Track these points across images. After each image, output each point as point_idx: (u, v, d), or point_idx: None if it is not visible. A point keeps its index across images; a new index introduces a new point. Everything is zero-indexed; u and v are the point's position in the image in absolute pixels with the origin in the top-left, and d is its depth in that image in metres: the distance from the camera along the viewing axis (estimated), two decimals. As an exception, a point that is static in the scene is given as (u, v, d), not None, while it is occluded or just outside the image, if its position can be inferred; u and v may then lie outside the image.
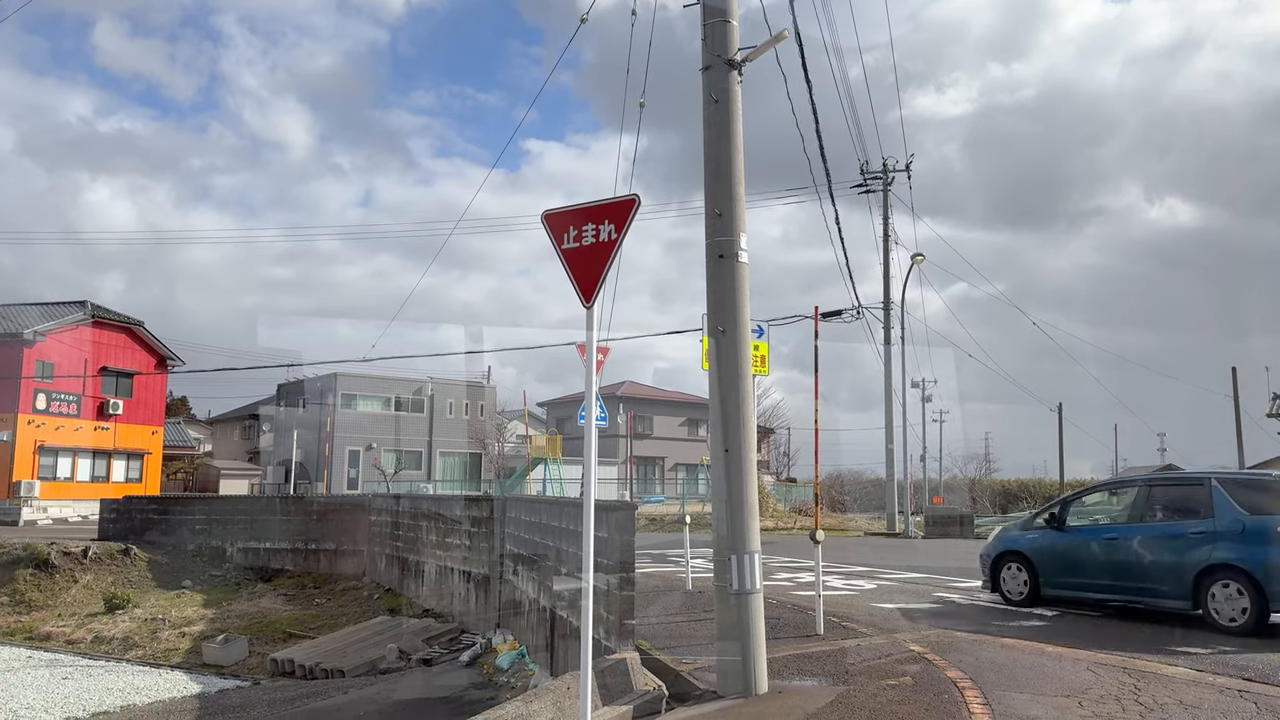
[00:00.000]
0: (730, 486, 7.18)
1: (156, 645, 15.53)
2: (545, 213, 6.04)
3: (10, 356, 35.93)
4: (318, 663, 13.37)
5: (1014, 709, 6.26)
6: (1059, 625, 9.87)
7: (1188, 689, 6.82)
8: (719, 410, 7.34)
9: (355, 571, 20.99)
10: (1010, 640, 8.84)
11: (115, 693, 12.29)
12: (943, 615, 10.68)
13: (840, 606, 11.29)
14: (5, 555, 19.49)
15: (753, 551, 7.05)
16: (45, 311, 39.27)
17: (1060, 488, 57.64)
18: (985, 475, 78.20)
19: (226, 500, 26.76)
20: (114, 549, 20.91)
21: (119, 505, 26.02)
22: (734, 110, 7.59)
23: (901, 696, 6.62)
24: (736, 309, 7.38)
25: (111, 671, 13.75)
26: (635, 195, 5.72)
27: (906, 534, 31.98)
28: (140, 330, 42.10)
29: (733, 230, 7.42)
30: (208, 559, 22.75)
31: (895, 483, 34.41)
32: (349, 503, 24.05)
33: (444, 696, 10.17)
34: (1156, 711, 6.19)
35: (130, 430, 41.11)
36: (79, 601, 18.29)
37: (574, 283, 5.82)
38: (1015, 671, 7.43)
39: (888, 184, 36.63)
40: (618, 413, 57.39)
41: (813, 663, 7.88)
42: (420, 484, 48.26)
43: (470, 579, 14.60)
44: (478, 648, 12.43)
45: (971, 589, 13.31)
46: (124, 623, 16.63)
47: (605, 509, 8.06)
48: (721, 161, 7.54)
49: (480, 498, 16.32)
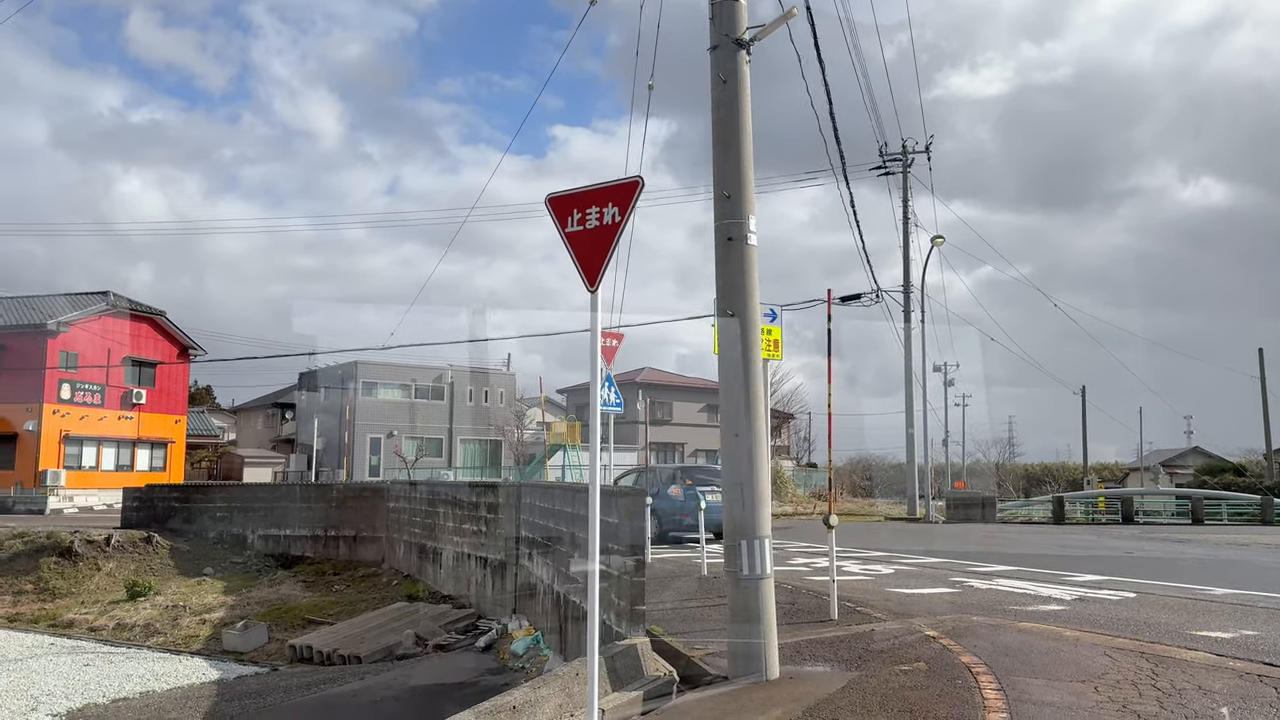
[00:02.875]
0: (740, 471, 7.11)
1: (177, 632, 15.68)
2: (549, 196, 5.98)
3: (35, 347, 36.30)
4: (335, 649, 13.43)
5: (1029, 694, 6.17)
6: (1079, 610, 9.75)
7: (1207, 673, 6.71)
8: (728, 395, 7.27)
9: (375, 558, 21.10)
10: (1027, 625, 8.74)
11: (135, 679, 12.40)
12: (960, 600, 10.58)
13: (856, 592, 11.22)
14: (30, 544, 19.71)
15: (763, 537, 6.99)
16: (68, 302, 39.64)
17: (1084, 471, 57.20)
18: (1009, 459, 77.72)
19: (247, 488, 26.97)
20: (136, 537, 21.11)
21: (141, 494, 26.28)
22: (742, 91, 7.48)
23: (914, 682, 6.55)
24: (746, 292, 7.30)
25: (132, 658, 13.88)
26: (639, 177, 5.65)
27: (928, 519, 31.83)
28: (162, 320, 42.43)
29: (741, 212, 7.33)
30: (229, 546, 22.94)
31: (916, 467, 34.24)
32: (368, 489, 24.16)
33: (459, 682, 10.19)
34: (1174, 696, 6.09)
35: (153, 419, 41.50)
36: (102, 589, 18.49)
37: (578, 266, 5.76)
38: (1031, 656, 7.34)
39: (907, 166, 36.32)
40: (636, 399, 57.34)
41: (826, 648, 7.81)
42: (441, 471, 48.46)
43: (486, 564, 14.62)
44: (494, 633, 12.45)
45: (990, 573, 13.21)
46: (145, 610, 16.79)
47: (615, 495, 8.02)
48: (729, 143, 7.44)
49: (495, 484, 16.34)
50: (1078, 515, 34.35)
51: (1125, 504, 32.00)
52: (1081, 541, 20.69)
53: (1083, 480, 51.38)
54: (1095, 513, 34.15)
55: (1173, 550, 18.20)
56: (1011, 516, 34.56)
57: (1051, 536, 22.64)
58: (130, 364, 40.45)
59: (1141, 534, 24.09)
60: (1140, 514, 33.40)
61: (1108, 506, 33.62)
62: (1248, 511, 31.17)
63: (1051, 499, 34.29)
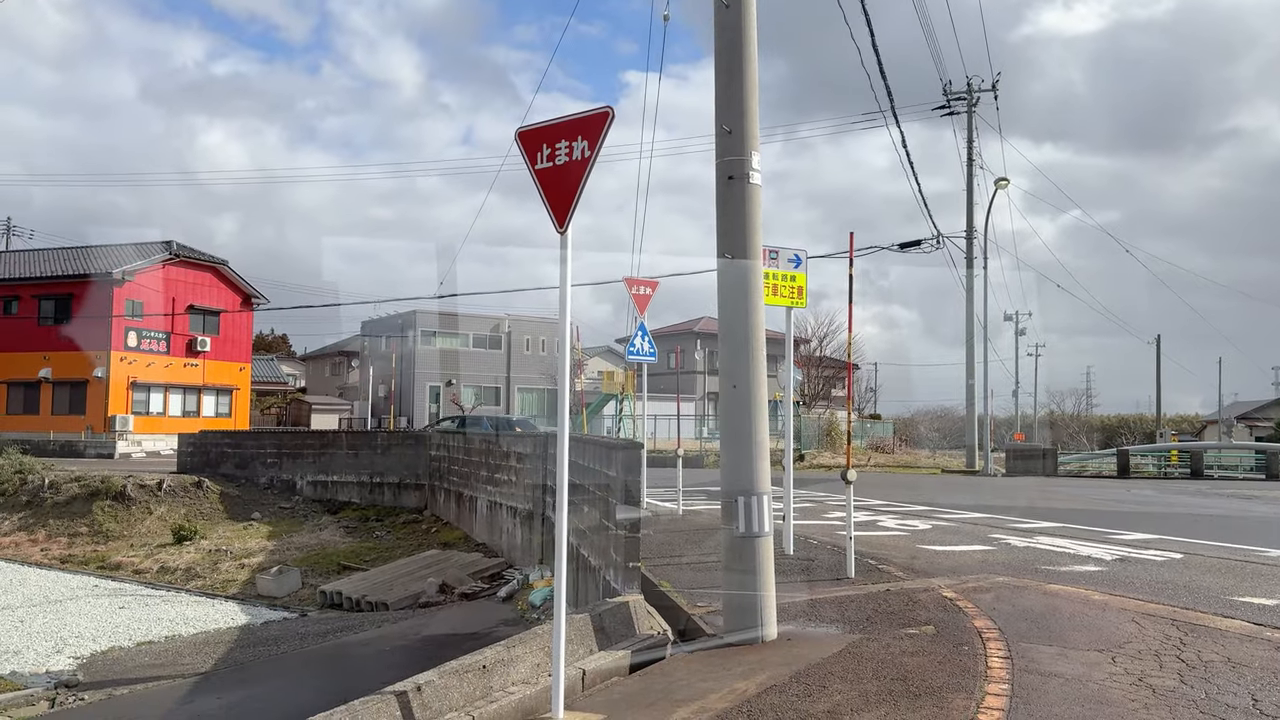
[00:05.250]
0: (738, 424, 6.75)
1: (216, 576, 15.95)
2: (519, 130, 5.60)
3: (101, 296, 37.20)
4: (364, 595, 13.50)
5: (1037, 664, 5.75)
6: (1117, 571, 9.22)
7: (1240, 644, 6.20)
8: (727, 343, 6.89)
9: (417, 504, 21.26)
10: (1055, 587, 8.26)
11: (164, 623, 12.61)
12: (991, 559, 10.10)
13: (885, 549, 10.82)
14: (85, 488, 20.24)
15: (762, 494, 6.63)
16: (134, 251, 40.47)
17: (1157, 422, 55.37)
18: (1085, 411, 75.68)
19: (297, 435, 27.40)
20: (187, 482, 21.55)
21: (196, 439, 26.84)
22: (747, 15, 6.97)
23: (916, 647, 6.17)
24: (747, 234, 6.86)
25: (168, 601, 14.15)
26: (609, 107, 5.23)
27: (986, 471, 31.06)
28: (225, 269, 43.12)
29: (744, 149, 6.86)
30: (278, 492, 23.33)
31: (975, 418, 33.38)
32: (410, 437, 24.32)
33: (472, 633, 10.08)
34: (1197, 669, 5.62)
35: (218, 366, 42.38)
36: (152, 532, 18.91)
37: (547, 206, 5.38)
38: (1051, 622, 6.89)
39: (972, 105, 34.97)
40: (695, 349, 56.92)
41: (833, 608, 7.46)
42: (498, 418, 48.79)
43: (516, 515, 14.52)
44: (515, 584, 12.35)
45: (1032, 530, 12.67)
46: (189, 554, 17.13)
47: (613, 448, 7.72)
48: (733, 73, 6.95)
49: (527, 435, 16.18)
50: (1148, 469, 33.22)
51: (1195, 458, 30.78)
52: (1140, 497, 19.89)
53: (1155, 433, 49.74)
54: (1167, 467, 32.96)
55: (1236, 507, 17.35)
56: (1078, 469, 33.55)
57: (1110, 491, 21.82)
58: (194, 312, 41.27)
59: (1209, 489, 23.11)
60: (1215, 469, 32.14)
61: (1180, 460, 32.43)
62: (1330, 467, 29.75)
63: (1115, 452, 33.16)
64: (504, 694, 5.29)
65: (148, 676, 10.04)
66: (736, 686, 5.43)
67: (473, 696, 5.18)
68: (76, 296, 37.62)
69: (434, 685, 5.04)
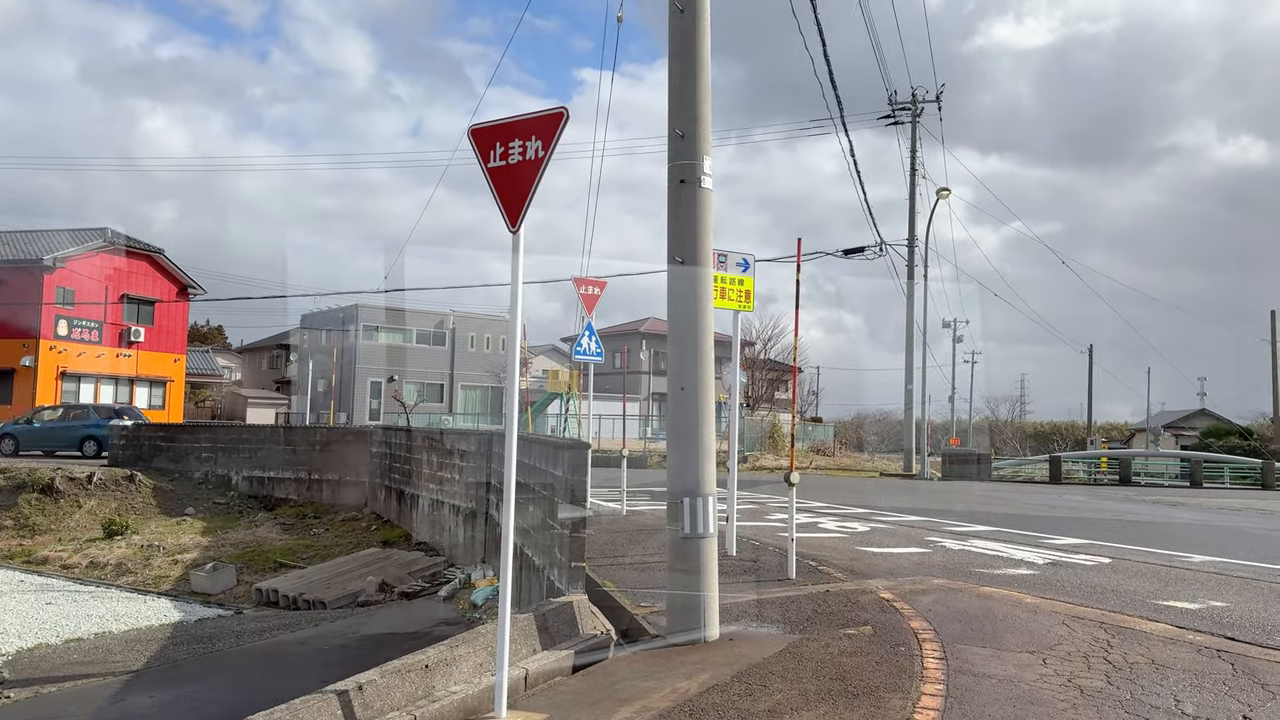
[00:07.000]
0: (685, 426, 6.80)
1: (148, 572, 15.58)
2: (472, 127, 5.59)
3: (32, 282, 36.11)
4: (301, 593, 13.30)
5: (971, 665, 5.89)
6: (1048, 575, 9.47)
7: (1164, 647, 6.42)
8: (675, 346, 6.93)
9: (357, 502, 20.98)
10: (989, 590, 8.45)
11: (94, 619, 12.29)
12: (928, 561, 10.30)
13: (824, 550, 10.97)
14: (10, 480, 19.63)
15: (706, 495, 6.70)
16: (67, 237, 39.36)
17: (1088, 430, 56.78)
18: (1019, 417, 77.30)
19: (232, 429, 26.86)
20: (119, 475, 21.02)
21: (128, 432, 26.19)
22: (701, 22, 7.04)
23: (855, 648, 6.28)
24: (698, 238, 6.93)
25: (97, 598, 13.78)
26: (563, 108, 5.24)
27: (923, 475, 31.59)
28: (160, 258, 42.15)
29: (696, 154, 6.92)
30: (213, 487, 22.87)
31: (913, 423, 33.94)
32: (350, 433, 24.00)
33: (412, 632, 10.00)
34: (1124, 671, 5.80)
35: (152, 357, 41.40)
36: (82, 527, 18.41)
37: (500, 205, 5.38)
38: (984, 624, 7.06)
39: (916, 115, 35.56)
40: (640, 349, 57.06)
41: (775, 608, 7.55)
42: (442, 416, 48.40)
43: (459, 513, 14.43)
44: (457, 583, 12.28)
45: (967, 533, 12.94)
46: (120, 549, 16.70)
47: (559, 448, 7.73)
48: (686, 78, 7.01)
49: (471, 433, 16.09)
50: (1079, 475, 34.10)
51: (1124, 465, 31.67)
52: (1071, 502, 20.40)
53: (1086, 440, 51.06)
54: (1097, 473, 33.87)
55: (1162, 514, 17.89)
56: (1012, 475, 34.30)
57: (1042, 496, 22.34)
58: (128, 302, 40.27)
59: (1136, 496, 23.78)
60: (1142, 476, 33.08)
61: (1110, 467, 33.34)
62: (1250, 476, 30.83)
63: (1048, 458, 33.97)
64: (446, 693, 5.28)
65: (77, 674, 9.79)
66: (679, 686, 5.48)
67: (415, 696, 5.16)
68: (4, 282, 36.45)
69: (376, 684, 5.02)
